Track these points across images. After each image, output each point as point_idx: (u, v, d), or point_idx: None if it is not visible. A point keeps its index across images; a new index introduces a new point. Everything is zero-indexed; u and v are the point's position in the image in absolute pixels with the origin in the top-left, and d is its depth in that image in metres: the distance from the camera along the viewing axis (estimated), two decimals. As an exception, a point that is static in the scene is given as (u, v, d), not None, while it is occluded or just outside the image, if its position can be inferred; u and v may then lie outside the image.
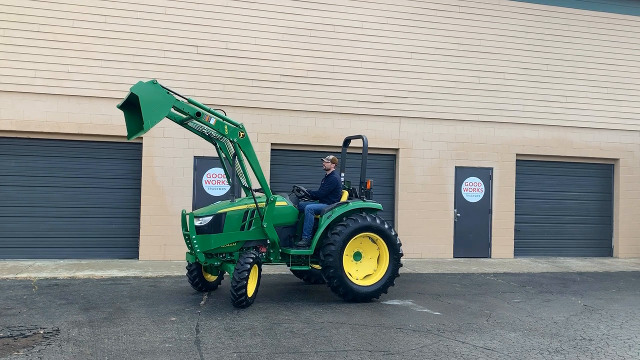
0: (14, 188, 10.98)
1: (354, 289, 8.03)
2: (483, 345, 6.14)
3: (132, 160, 11.50)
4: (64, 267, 10.21)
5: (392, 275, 8.29)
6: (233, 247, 7.90)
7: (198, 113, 7.18)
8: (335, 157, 8.84)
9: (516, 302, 8.50)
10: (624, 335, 6.79)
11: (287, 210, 8.31)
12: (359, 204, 8.38)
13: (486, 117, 13.29)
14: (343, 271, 7.96)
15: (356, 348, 5.91)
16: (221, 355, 5.53)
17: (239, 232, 7.86)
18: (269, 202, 7.94)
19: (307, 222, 8.20)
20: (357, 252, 8.33)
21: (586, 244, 14.31)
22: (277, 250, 8.24)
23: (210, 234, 7.65)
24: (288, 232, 8.39)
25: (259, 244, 8.13)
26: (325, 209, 8.28)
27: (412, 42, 12.79)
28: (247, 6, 11.84)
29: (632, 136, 14.38)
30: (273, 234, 8.04)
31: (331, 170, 8.79)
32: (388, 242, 8.25)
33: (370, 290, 8.14)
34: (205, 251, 7.70)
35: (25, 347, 5.60)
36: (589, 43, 13.96)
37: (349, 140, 9.64)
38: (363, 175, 8.73)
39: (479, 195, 13.33)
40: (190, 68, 11.48)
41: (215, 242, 7.66)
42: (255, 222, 7.96)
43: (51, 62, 10.85)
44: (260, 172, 7.82)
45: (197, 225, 7.67)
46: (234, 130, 7.50)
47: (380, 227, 8.19)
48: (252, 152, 7.72)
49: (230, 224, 7.77)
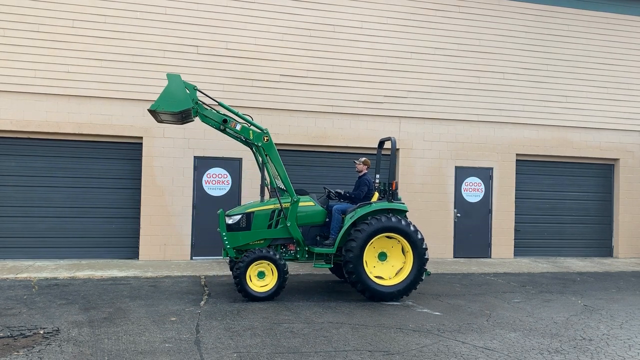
0: (14, 188, 10.98)
1: (373, 287, 8.12)
2: (483, 345, 6.14)
3: (132, 160, 11.50)
4: (64, 267, 10.21)
5: (415, 279, 8.29)
6: (261, 244, 8.43)
7: (225, 120, 7.97)
8: (367, 159, 9.13)
9: (516, 302, 8.50)
10: (624, 335, 6.79)
11: (314, 210, 8.62)
12: (383, 204, 8.48)
13: (486, 117, 13.29)
14: (362, 268, 8.08)
15: (356, 348, 5.91)
16: (221, 355, 5.53)
17: (265, 230, 8.38)
18: (293, 202, 8.33)
19: (334, 222, 8.50)
20: (383, 252, 8.42)
21: (586, 244, 14.30)
22: (303, 249, 8.54)
23: (239, 231, 8.27)
24: (316, 232, 8.70)
25: (286, 242, 8.55)
26: (350, 209, 8.46)
27: (412, 42, 12.79)
28: (247, 6, 11.84)
29: (632, 136, 14.38)
30: (297, 233, 8.38)
31: (363, 172, 9.05)
32: (412, 244, 8.30)
33: (390, 291, 8.21)
34: (235, 247, 8.30)
35: (25, 347, 5.60)
36: (589, 43, 13.96)
37: (384, 142, 9.82)
38: (391, 176, 8.82)
39: (479, 195, 13.33)
40: (190, 68, 11.47)
41: (243, 239, 8.30)
42: (281, 221, 8.41)
43: (51, 62, 10.85)
44: (284, 174, 8.30)
45: (228, 223, 8.30)
46: (258, 135, 8.10)
47: (404, 229, 8.23)
48: (276, 155, 8.26)
49: (257, 222, 8.34)
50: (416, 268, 8.28)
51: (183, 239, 11.49)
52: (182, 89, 7.71)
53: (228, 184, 11.81)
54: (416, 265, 8.28)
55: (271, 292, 7.98)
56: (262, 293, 7.95)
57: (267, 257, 7.94)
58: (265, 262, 7.96)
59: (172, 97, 7.64)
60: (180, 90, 7.69)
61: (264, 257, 7.94)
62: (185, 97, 7.68)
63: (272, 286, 8.00)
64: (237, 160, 11.86)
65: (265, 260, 7.95)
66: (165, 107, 7.63)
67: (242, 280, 7.87)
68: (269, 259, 7.95)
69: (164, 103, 7.61)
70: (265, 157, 8.24)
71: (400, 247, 8.41)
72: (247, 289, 7.90)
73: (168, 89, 7.67)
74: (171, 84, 7.69)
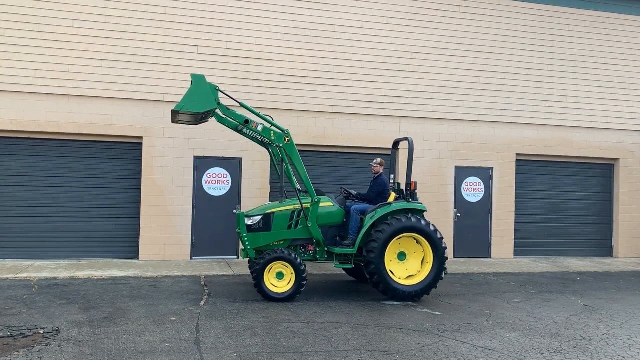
0: (14, 188, 10.98)
1: (395, 287, 8.19)
2: (483, 345, 6.14)
3: (132, 160, 11.50)
4: (64, 267, 10.21)
5: (435, 277, 8.37)
6: (281, 245, 8.45)
7: (247, 120, 7.96)
8: (382, 160, 9.13)
9: (516, 302, 8.50)
10: (624, 335, 6.79)
11: (333, 210, 8.65)
12: (403, 204, 8.54)
13: (486, 117, 13.29)
14: (384, 268, 8.15)
15: (356, 348, 5.91)
16: (221, 355, 5.53)
17: (286, 231, 8.42)
18: (313, 203, 8.36)
19: (352, 223, 8.50)
20: (402, 252, 8.48)
21: (586, 244, 14.30)
22: (323, 249, 8.58)
23: (260, 232, 8.30)
24: (335, 232, 8.73)
25: (305, 242, 8.58)
26: (369, 209, 8.49)
27: (412, 42, 12.79)
28: (247, 6, 11.84)
29: (632, 136, 14.37)
30: (317, 233, 8.43)
31: (379, 172, 9.04)
32: (432, 244, 8.36)
33: (412, 291, 8.27)
34: (255, 248, 8.32)
35: (25, 347, 5.61)
36: (589, 43, 13.95)
37: (398, 142, 9.86)
38: (409, 176, 8.88)
39: (479, 195, 13.33)
40: (190, 68, 11.47)
41: (264, 240, 8.33)
42: (301, 222, 8.45)
43: (51, 62, 10.85)
44: (305, 175, 8.30)
45: (248, 224, 8.31)
46: (279, 136, 8.12)
47: (424, 229, 8.30)
48: (297, 156, 8.29)
49: (278, 223, 8.38)
50: (436, 267, 8.36)
51: (183, 239, 11.49)
52: (207, 89, 7.72)
53: (228, 184, 11.81)
54: (436, 265, 8.37)
55: (289, 294, 7.99)
56: (280, 294, 7.98)
57: (284, 258, 7.97)
58: (284, 263, 8.00)
59: (197, 97, 7.66)
60: (205, 91, 7.70)
61: (282, 258, 7.98)
62: (209, 97, 7.72)
63: (289, 287, 8.02)
64: (237, 160, 11.85)
65: (283, 262, 7.98)
66: (189, 107, 7.65)
67: (259, 281, 7.91)
68: (287, 260, 7.98)
69: (188, 104, 7.63)
70: (287, 157, 8.24)
71: (420, 247, 8.49)
72: (264, 289, 7.93)
73: (193, 90, 7.68)
74: (196, 84, 7.70)
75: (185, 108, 7.65)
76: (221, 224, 11.73)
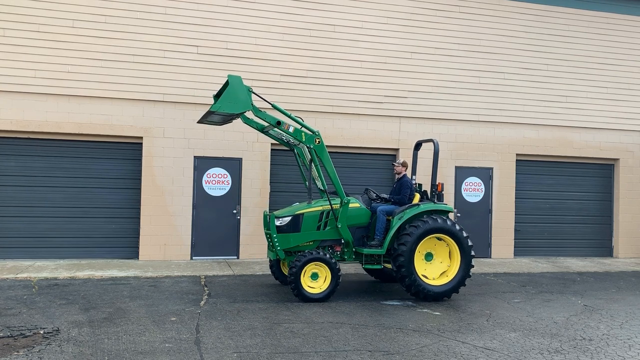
0: (14, 188, 10.98)
1: (426, 288, 8.28)
2: (483, 345, 6.14)
3: (132, 160, 11.50)
4: (64, 267, 10.21)
5: (463, 276, 8.50)
6: (310, 246, 8.47)
7: (278, 122, 7.89)
8: (405, 161, 9.19)
9: (516, 302, 8.50)
10: (624, 335, 6.79)
11: (360, 211, 8.71)
12: (430, 205, 8.63)
13: (486, 117, 13.29)
14: (415, 270, 8.24)
15: (356, 348, 5.91)
16: (221, 355, 5.53)
17: (315, 232, 8.45)
18: (343, 204, 8.39)
19: (379, 223, 8.54)
20: (429, 253, 8.58)
21: (586, 244, 14.30)
22: (350, 250, 8.68)
23: (290, 233, 8.33)
24: (361, 233, 8.80)
25: (333, 243, 8.63)
26: (397, 210, 8.56)
27: (412, 42, 12.79)
28: (247, 6, 11.84)
29: (632, 136, 14.38)
30: (347, 234, 8.50)
31: (402, 173, 9.10)
32: (459, 243, 8.50)
33: (442, 290, 8.38)
34: (285, 249, 8.35)
35: (25, 347, 5.60)
36: (589, 43, 13.96)
37: (420, 144, 9.93)
38: (434, 177, 8.98)
39: (479, 195, 13.33)
40: (190, 68, 11.48)
41: (294, 241, 8.36)
42: (330, 223, 8.50)
43: (51, 62, 10.85)
44: (335, 176, 8.31)
45: (278, 225, 8.33)
46: (310, 137, 8.08)
47: (451, 229, 8.43)
48: (327, 157, 8.26)
49: (307, 224, 8.40)
50: (463, 267, 8.49)
51: (183, 239, 11.49)
52: (244, 91, 7.71)
53: (228, 184, 11.81)
54: (463, 265, 8.50)
55: (326, 294, 8.03)
56: (317, 295, 8.01)
57: (321, 259, 8.01)
58: (319, 264, 8.03)
59: (235, 98, 7.65)
60: (242, 92, 7.69)
61: (318, 259, 8.01)
62: (246, 99, 7.71)
63: (325, 287, 8.06)
64: (237, 160, 11.85)
65: (319, 262, 8.02)
66: (226, 109, 7.66)
67: (297, 283, 7.92)
68: (323, 261, 8.02)
69: (225, 105, 7.63)
70: (317, 158, 8.25)
71: (446, 246, 8.59)
72: (302, 291, 7.95)
73: (231, 91, 7.65)
74: (233, 85, 7.67)
75: (222, 109, 7.65)
76: (221, 224, 11.74)
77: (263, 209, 11.87)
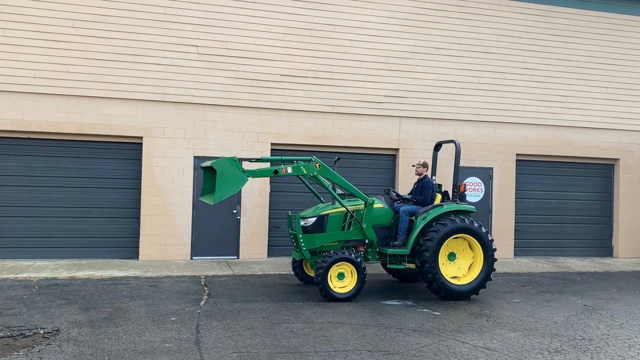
0: (15, 188, 10.98)
1: (449, 287, 8.38)
2: (483, 345, 6.14)
3: (132, 160, 11.50)
4: (64, 267, 10.21)
5: (486, 275, 8.61)
6: (335, 246, 8.57)
7: (276, 171, 8.04)
8: (426, 162, 9.26)
9: (516, 302, 8.50)
10: (624, 335, 6.79)
11: (383, 212, 8.81)
12: (453, 206, 8.71)
13: (486, 117, 13.29)
14: (439, 270, 8.33)
15: (356, 348, 5.92)
16: (221, 355, 5.53)
17: (339, 232, 8.56)
18: (367, 205, 8.51)
19: (402, 224, 8.63)
20: (452, 253, 8.67)
21: (586, 244, 14.30)
22: (374, 250, 8.77)
23: (315, 233, 8.42)
24: (384, 233, 8.87)
25: (357, 243, 8.73)
26: (420, 210, 8.63)
27: (412, 42, 12.79)
28: (247, 6, 11.84)
29: (632, 136, 14.37)
30: (372, 235, 8.61)
31: (423, 174, 9.17)
32: (482, 243, 8.61)
33: (465, 289, 8.50)
34: (311, 249, 8.44)
35: (25, 347, 5.61)
36: (589, 43, 13.95)
37: (440, 144, 10.02)
38: (456, 178, 9.05)
39: (479, 195, 13.33)
40: (190, 68, 11.48)
41: (319, 241, 8.45)
42: (354, 223, 8.60)
43: (51, 62, 10.85)
44: (350, 187, 8.48)
45: (304, 225, 8.44)
46: (309, 167, 8.16)
47: (473, 229, 8.53)
48: (335, 175, 8.37)
49: (332, 224, 8.51)
50: (486, 267, 8.59)
51: (183, 239, 11.49)
52: (234, 170, 7.71)
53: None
54: (486, 265, 8.60)
55: (352, 293, 8.10)
56: (343, 294, 8.07)
57: (348, 259, 8.09)
58: (346, 263, 8.09)
59: (229, 181, 7.68)
60: (233, 172, 7.71)
61: (345, 259, 8.08)
62: (239, 175, 7.74)
63: (352, 287, 8.12)
64: (237, 160, 11.84)
65: (345, 262, 8.08)
66: (227, 193, 7.71)
67: (324, 283, 7.98)
68: (350, 261, 8.10)
69: (224, 191, 7.66)
70: (327, 181, 8.35)
71: (468, 246, 8.69)
72: (330, 291, 8.01)
73: (222, 177, 7.63)
74: (222, 172, 7.64)
75: (224, 196, 7.69)
76: (221, 224, 11.74)
77: (263, 209, 11.88)
